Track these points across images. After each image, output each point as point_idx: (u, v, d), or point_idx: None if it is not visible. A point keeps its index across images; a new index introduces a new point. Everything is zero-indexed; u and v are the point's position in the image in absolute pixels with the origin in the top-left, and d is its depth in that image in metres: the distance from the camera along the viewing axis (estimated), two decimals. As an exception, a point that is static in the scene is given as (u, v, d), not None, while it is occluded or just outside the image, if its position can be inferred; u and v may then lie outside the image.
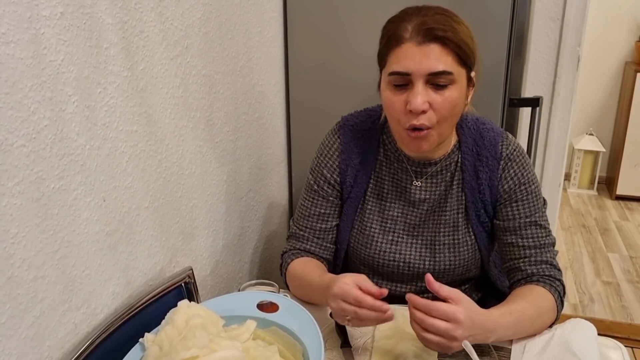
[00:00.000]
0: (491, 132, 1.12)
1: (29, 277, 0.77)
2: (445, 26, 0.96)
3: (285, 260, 1.20)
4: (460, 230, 1.14)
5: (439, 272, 1.14)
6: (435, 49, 0.95)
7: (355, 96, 1.62)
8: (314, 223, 1.19)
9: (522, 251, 1.10)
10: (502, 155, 1.10)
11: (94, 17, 0.85)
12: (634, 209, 3.57)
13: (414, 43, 0.96)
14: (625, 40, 3.63)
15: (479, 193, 1.12)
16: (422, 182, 1.13)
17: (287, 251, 1.21)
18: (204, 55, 1.18)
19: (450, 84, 0.97)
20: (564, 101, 1.69)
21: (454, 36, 0.96)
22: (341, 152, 1.17)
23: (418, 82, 0.97)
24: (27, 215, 0.76)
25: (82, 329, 0.89)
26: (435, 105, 0.98)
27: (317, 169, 1.19)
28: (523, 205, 1.10)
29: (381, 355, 0.98)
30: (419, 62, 0.96)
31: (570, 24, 1.61)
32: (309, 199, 1.20)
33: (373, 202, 1.17)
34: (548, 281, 1.07)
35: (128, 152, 0.96)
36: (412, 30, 0.96)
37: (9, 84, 0.71)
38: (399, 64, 0.97)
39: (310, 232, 1.19)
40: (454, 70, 0.97)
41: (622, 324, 2.41)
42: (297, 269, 1.16)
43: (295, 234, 1.21)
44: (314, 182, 1.19)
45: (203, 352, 0.79)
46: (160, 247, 1.09)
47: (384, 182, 1.16)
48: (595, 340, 0.99)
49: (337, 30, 1.59)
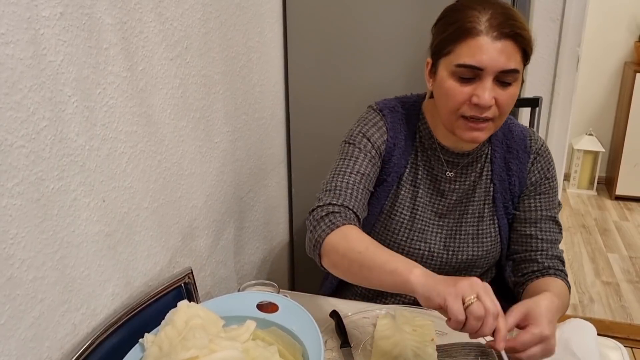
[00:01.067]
0: (519, 127, 1.17)
1: (29, 277, 0.77)
2: (520, 23, 0.97)
3: (331, 220, 0.97)
4: (485, 221, 1.16)
5: (460, 263, 1.15)
6: (509, 46, 0.96)
7: (355, 96, 1.62)
8: (357, 180, 1.06)
9: (540, 244, 1.14)
10: (532, 149, 1.14)
11: (94, 18, 0.85)
12: (634, 209, 3.57)
13: (489, 37, 0.95)
14: (624, 41, 3.63)
15: (509, 184, 1.14)
16: (454, 173, 1.15)
17: (324, 205, 1.01)
18: (203, 56, 1.18)
19: (515, 81, 0.99)
20: (563, 101, 1.69)
21: (527, 34, 0.97)
22: (388, 129, 1.13)
23: (488, 77, 0.97)
24: (27, 215, 0.76)
25: (82, 329, 0.89)
26: (499, 101, 0.99)
27: (363, 134, 1.11)
28: (545, 199, 1.15)
29: (380, 355, 0.98)
30: (494, 59, 0.95)
31: (569, 24, 1.61)
32: (352, 158, 1.08)
33: (407, 188, 1.16)
34: (562, 275, 1.11)
35: (128, 153, 0.96)
36: (487, 23, 0.95)
37: (8, 84, 0.71)
38: (472, 58, 0.96)
39: (352, 188, 1.04)
40: (520, 68, 0.99)
41: (622, 324, 2.41)
42: (356, 234, 0.95)
43: (332, 189, 1.04)
44: (358, 144, 1.10)
45: (203, 353, 0.79)
46: (160, 248, 1.09)
47: (419, 169, 1.16)
48: (594, 340, 0.99)
49: (336, 30, 1.59)
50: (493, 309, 0.78)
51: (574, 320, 1.03)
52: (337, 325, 1.06)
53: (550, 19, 1.61)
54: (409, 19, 1.52)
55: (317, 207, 1.02)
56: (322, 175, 1.10)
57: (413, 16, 1.51)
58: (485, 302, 0.78)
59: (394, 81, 1.58)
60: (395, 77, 1.58)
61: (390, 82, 1.58)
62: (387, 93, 1.26)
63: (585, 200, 3.71)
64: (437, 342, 1.01)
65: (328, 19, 1.58)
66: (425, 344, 0.99)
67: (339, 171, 1.07)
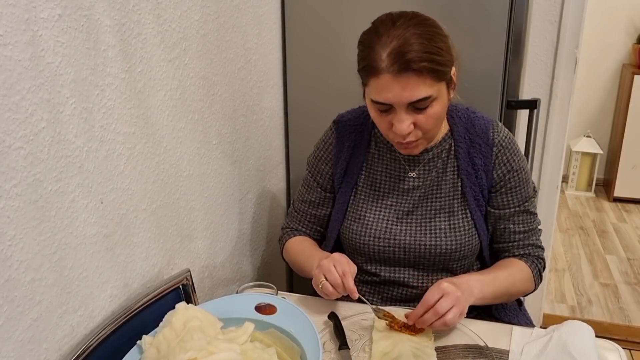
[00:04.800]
0: (482, 120, 1.17)
1: (26, 279, 0.77)
2: (419, 54, 0.96)
3: (284, 236, 1.34)
4: (457, 215, 1.16)
5: (436, 255, 1.16)
6: (412, 78, 0.97)
7: (353, 98, 1.62)
8: (306, 208, 1.31)
9: (513, 236, 1.19)
10: (495, 141, 1.15)
11: (92, 19, 0.85)
12: (632, 210, 3.57)
13: (390, 74, 0.97)
14: (622, 43, 3.64)
15: (476, 178, 1.15)
16: (417, 172, 1.17)
17: (284, 228, 1.35)
18: (202, 57, 1.18)
19: (432, 102, 1.01)
20: (561, 103, 1.69)
21: (429, 64, 0.97)
22: (334, 145, 1.24)
23: (400, 109, 1.00)
24: (25, 217, 0.76)
25: (80, 331, 0.89)
26: (419, 124, 1.03)
27: (312, 161, 1.29)
28: (515, 193, 1.16)
29: (380, 356, 0.98)
30: (398, 94, 0.98)
31: (567, 26, 1.61)
32: (305, 186, 1.31)
33: (366, 192, 1.21)
34: (530, 258, 1.19)
35: (126, 154, 0.96)
36: (387, 59, 0.97)
37: (6, 85, 0.71)
38: (379, 95, 1.00)
39: (303, 215, 1.31)
40: (433, 91, 0.99)
41: (620, 325, 2.41)
42: (294, 243, 1.31)
43: (291, 214, 1.34)
44: (309, 172, 1.30)
45: (201, 355, 0.79)
46: (158, 249, 1.09)
47: (377, 172, 1.21)
48: (593, 342, 0.99)
49: (335, 32, 1.59)
50: (333, 279, 1.05)
51: (572, 322, 1.03)
52: (336, 327, 1.06)
53: (548, 21, 1.62)
54: (408, 21, 1.52)
55: (282, 227, 1.36)
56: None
57: (411, 18, 1.51)
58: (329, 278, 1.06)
59: (392, 83, 1.58)
60: (394, 79, 1.58)
61: (389, 83, 1.58)
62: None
63: (584, 202, 3.72)
64: (436, 344, 1.01)
65: (326, 20, 1.58)
66: (424, 345, 0.99)
67: (297, 198, 1.33)
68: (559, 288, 2.69)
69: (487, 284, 1.10)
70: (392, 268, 1.20)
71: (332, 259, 1.09)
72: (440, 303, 0.98)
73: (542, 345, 1.00)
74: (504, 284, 1.13)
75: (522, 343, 1.02)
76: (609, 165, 3.78)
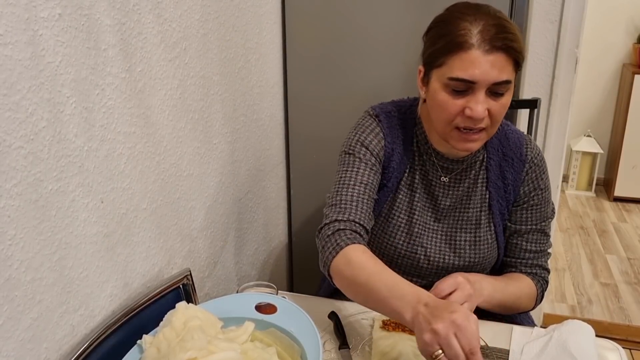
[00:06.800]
0: (515, 134, 1.16)
1: (27, 278, 0.77)
2: (512, 35, 0.96)
3: (338, 238, 1.00)
4: (482, 227, 1.15)
5: (458, 268, 1.15)
6: (501, 59, 0.95)
7: (354, 97, 1.62)
8: (361, 191, 1.07)
9: (523, 254, 1.17)
10: (527, 158, 1.14)
11: (92, 19, 0.85)
12: (632, 210, 3.57)
13: (481, 51, 0.95)
14: (622, 42, 3.64)
15: (505, 192, 1.14)
16: (449, 179, 1.15)
17: (330, 223, 1.03)
18: (202, 57, 1.18)
19: (507, 91, 0.99)
20: (561, 103, 1.69)
21: (518, 45, 0.97)
22: (385, 135, 1.13)
23: (481, 90, 0.97)
24: (25, 216, 0.76)
25: (80, 330, 0.89)
26: (492, 112, 0.99)
27: (361, 143, 1.11)
28: (535, 211, 1.15)
29: (380, 356, 0.98)
30: (486, 72, 0.95)
31: (568, 25, 1.61)
32: (353, 169, 1.09)
33: (404, 193, 1.16)
34: (536, 277, 1.17)
35: (126, 154, 0.96)
36: (479, 36, 0.95)
37: (7, 85, 0.71)
38: (465, 71, 0.96)
39: (357, 200, 1.06)
40: (512, 78, 0.99)
41: (620, 325, 2.41)
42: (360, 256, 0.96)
43: (337, 204, 1.06)
44: (358, 153, 1.11)
45: (201, 354, 0.79)
46: (158, 249, 1.09)
47: (416, 174, 1.15)
48: (593, 341, 0.99)
49: (335, 31, 1.59)
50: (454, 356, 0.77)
51: (572, 322, 1.03)
52: (336, 327, 1.06)
53: (548, 21, 1.62)
54: (408, 21, 1.52)
55: (324, 225, 1.04)
56: (320, 177, 1.11)
57: (412, 18, 1.52)
58: (448, 354, 0.78)
59: (392, 82, 1.58)
60: (394, 79, 1.58)
61: (389, 83, 1.59)
62: (386, 94, 1.26)
63: (584, 202, 3.72)
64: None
65: (327, 20, 1.59)
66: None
67: (343, 184, 1.08)
68: (559, 287, 2.69)
69: (498, 290, 1.09)
70: (412, 277, 1.18)
71: (453, 324, 0.78)
72: (454, 296, 0.97)
73: (543, 345, 1.00)
74: (512, 295, 1.12)
75: (522, 342, 1.02)
76: (609, 164, 3.78)
